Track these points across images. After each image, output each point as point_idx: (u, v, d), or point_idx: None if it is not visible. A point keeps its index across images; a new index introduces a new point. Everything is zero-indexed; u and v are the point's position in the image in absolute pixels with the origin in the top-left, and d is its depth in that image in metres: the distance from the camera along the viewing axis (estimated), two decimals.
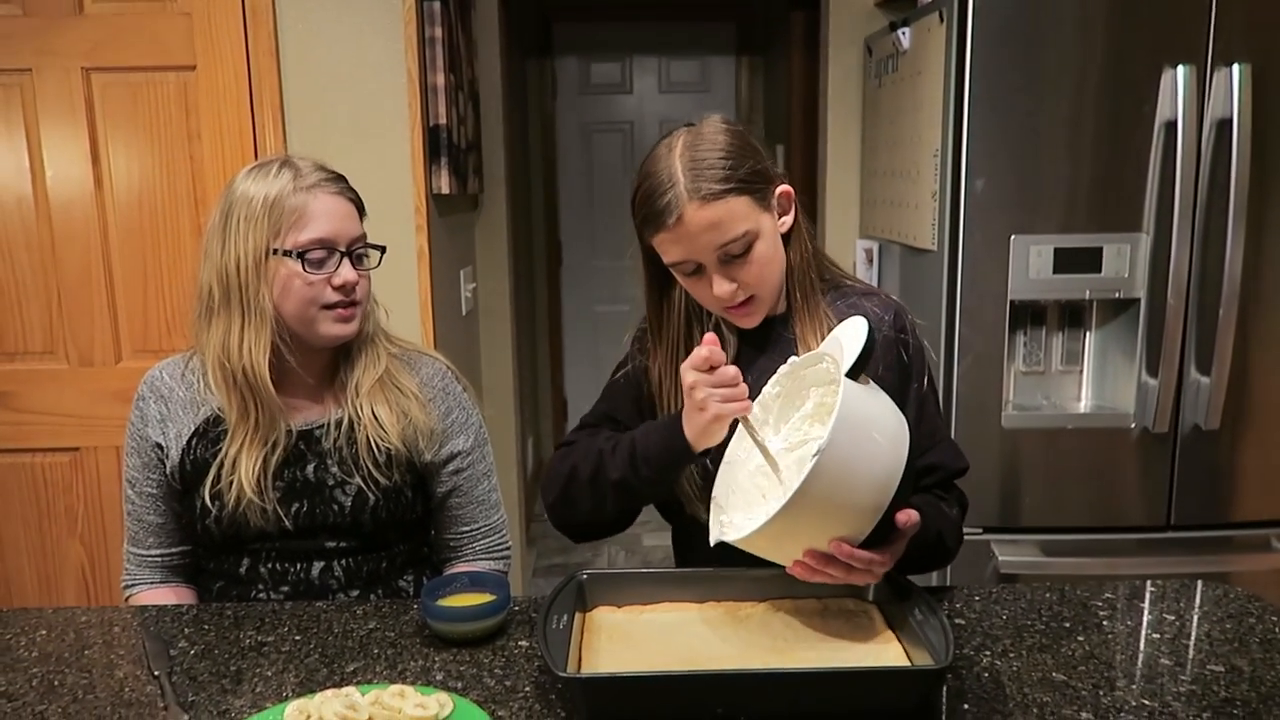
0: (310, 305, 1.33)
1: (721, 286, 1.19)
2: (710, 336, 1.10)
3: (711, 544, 1.10)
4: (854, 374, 1.03)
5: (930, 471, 1.25)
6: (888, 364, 1.25)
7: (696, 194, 1.15)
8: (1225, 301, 1.98)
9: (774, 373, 1.17)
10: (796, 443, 1.17)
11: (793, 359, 1.16)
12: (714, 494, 1.16)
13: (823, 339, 1.20)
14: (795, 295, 1.29)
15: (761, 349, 1.29)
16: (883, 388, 1.10)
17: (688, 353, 1.22)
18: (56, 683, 1.09)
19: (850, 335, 1.07)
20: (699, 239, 1.17)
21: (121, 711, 1.02)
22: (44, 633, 1.22)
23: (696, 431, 1.13)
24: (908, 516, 1.06)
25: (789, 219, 1.26)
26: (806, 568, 1.05)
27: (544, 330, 4.71)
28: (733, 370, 1.09)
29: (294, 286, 1.32)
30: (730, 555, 1.10)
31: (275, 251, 1.30)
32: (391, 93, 2.18)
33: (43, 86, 2.13)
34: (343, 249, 1.34)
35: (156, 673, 1.09)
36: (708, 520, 1.15)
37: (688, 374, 1.10)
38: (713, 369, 1.09)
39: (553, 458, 1.33)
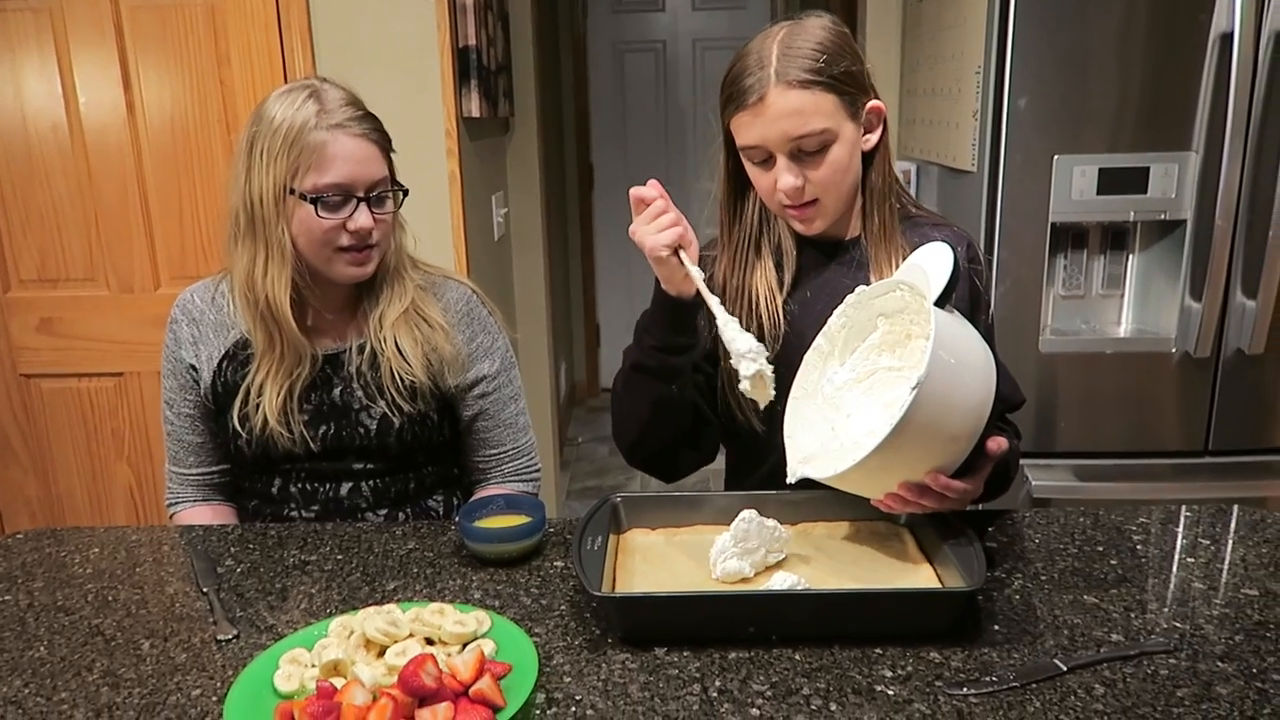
0: (324, 247, 1.33)
1: (786, 180, 1.18)
2: (653, 181, 1.11)
3: (791, 482, 1.10)
4: (941, 302, 1.02)
5: None
6: (960, 295, 1.21)
7: (783, 77, 1.14)
8: (1275, 223, 1.92)
9: (844, 297, 1.16)
10: (865, 373, 1.15)
11: (860, 289, 1.14)
12: (785, 430, 1.15)
13: (897, 267, 1.18)
14: (873, 219, 1.26)
15: (834, 272, 1.27)
16: None
17: (756, 259, 1.20)
18: (110, 598, 1.13)
19: (934, 262, 1.05)
20: (776, 124, 1.15)
21: (173, 625, 1.06)
22: (97, 550, 1.26)
23: (663, 277, 1.15)
24: (998, 444, 1.06)
25: (874, 137, 1.23)
26: (900, 500, 1.04)
27: (576, 255, 4.69)
28: (657, 206, 1.10)
29: (309, 227, 1.31)
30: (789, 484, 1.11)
31: (293, 191, 1.30)
32: (420, 12, 2.15)
33: (72, 12, 2.12)
34: (360, 194, 1.32)
35: (205, 589, 1.13)
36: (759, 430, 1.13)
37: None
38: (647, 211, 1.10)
39: None
